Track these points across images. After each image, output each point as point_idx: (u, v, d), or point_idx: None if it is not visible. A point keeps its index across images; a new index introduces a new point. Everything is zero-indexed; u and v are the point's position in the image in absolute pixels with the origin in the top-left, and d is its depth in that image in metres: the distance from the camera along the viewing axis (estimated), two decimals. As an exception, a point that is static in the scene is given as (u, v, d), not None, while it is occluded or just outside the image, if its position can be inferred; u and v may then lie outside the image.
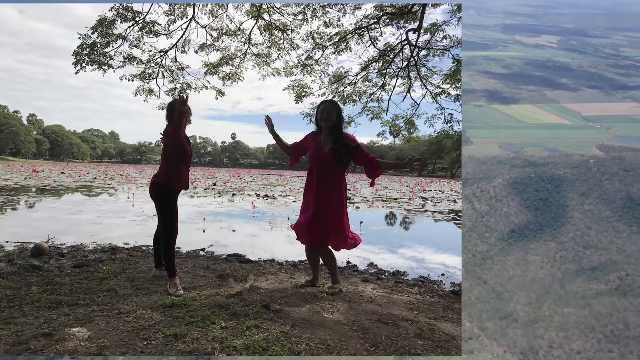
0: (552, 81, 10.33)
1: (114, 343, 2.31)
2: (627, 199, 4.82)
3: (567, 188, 5.06)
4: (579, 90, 9.80)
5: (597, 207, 4.78)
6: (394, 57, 6.91)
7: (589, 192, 4.95)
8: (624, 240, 4.34)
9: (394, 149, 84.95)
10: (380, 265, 5.12)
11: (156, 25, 6.54)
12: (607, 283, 3.79)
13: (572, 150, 6.32)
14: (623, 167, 5.23)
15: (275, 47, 7.01)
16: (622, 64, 11.57)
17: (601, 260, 4.09)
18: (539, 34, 14.49)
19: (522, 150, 6.39)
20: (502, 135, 7.14)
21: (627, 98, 9.21)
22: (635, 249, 4.19)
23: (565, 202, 4.89)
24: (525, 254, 4.33)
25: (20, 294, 3.10)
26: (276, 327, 2.64)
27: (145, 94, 6.95)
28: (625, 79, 10.42)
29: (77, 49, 6.29)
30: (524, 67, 11.23)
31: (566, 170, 5.28)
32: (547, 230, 4.59)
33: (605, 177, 5.10)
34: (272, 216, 9.57)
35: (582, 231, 4.47)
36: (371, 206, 13.20)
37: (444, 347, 2.55)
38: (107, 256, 4.63)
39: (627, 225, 4.54)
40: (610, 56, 12.29)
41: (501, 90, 9.40)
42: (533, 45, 13.34)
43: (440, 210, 12.83)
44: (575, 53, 12.55)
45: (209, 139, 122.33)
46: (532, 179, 5.26)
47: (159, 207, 3.54)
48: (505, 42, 13.37)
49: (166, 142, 3.49)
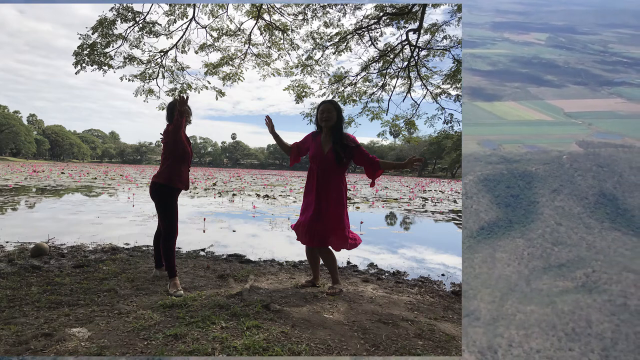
0: (537, 78, 10.31)
1: (114, 343, 2.31)
2: (599, 194, 4.80)
3: (539, 184, 5.03)
4: (563, 86, 9.79)
5: (568, 203, 4.74)
6: (394, 57, 6.90)
7: (560, 188, 4.92)
8: (594, 236, 4.31)
9: (394, 149, 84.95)
10: (380, 265, 5.12)
11: (156, 25, 6.54)
12: (573, 280, 3.76)
13: (551, 146, 6.29)
14: (596, 162, 5.21)
15: (275, 47, 7.01)
16: (609, 60, 11.56)
17: (569, 257, 4.07)
18: (527, 31, 14.49)
19: (500, 147, 6.37)
20: (481, 132, 7.12)
21: (612, 94, 9.20)
22: (605, 245, 4.17)
23: (535, 199, 4.87)
24: (493, 251, 4.30)
25: (20, 294, 3.09)
26: (276, 327, 2.64)
27: (145, 94, 6.95)
28: (611, 74, 10.41)
29: (77, 49, 6.29)
30: (510, 64, 11.21)
31: (538, 167, 5.25)
32: (516, 227, 4.57)
33: (578, 173, 5.07)
34: (272, 216, 9.56)
35: (552, 227, 4.44)
36: (371, 206, 13.19)
37: (444, 347, 2.55)
38: (107, 256, 4.63)
39: (598, 221, 4.52)
40: (597, 52, 12.28)
41: (484, 87, 9.38)
42: (521, 42, 13.32)
43: (441, 210, 12.83)
44: (562, 50, 12.53)
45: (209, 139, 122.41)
46: (503, 175, 5.23)
47: (159, 207, 3.54)
48: (493, 39, 13.37)
49: (166, 142, 3.49)
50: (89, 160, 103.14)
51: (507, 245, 4.32)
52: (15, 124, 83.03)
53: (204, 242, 5.95)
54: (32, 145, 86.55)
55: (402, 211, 12.31)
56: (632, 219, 4.50)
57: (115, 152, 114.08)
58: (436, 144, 61.19)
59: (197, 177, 28.48)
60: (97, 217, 8.11)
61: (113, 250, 5.01)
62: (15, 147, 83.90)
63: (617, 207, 4.65)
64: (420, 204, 14.85)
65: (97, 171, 36.12)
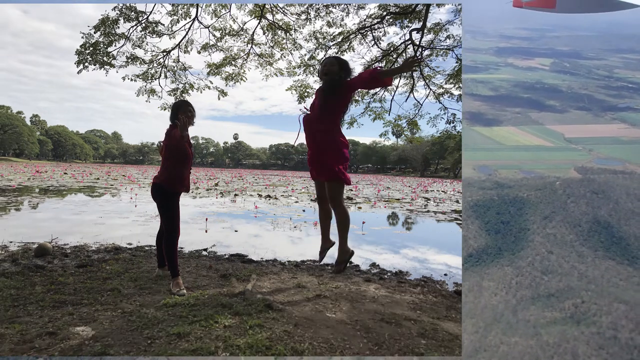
0: (539, 103, 10.30)
1: (118, 342, 2.31)
2: (593, 221, 4.67)
3: (530, 210, 4.91)
4: (565, 111, 9.75)
5: (561, 230, 4.61)
6: (397, 56, 6.90)
7: (553, 215, 4.81)
8: (586, 265, 4.19)
9: (396, 149, 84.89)
10: (383, 265, 5.12)
11: (159, 25, 6.56)
12: (562, 310, 3.64)
13: (549, 172, 6.20)
14: (591, 188, 5.09)
15: (278, 46, 7.02)
16: (614, 85, 11.52)
17: (559, 287, 3.94)
18: (532, 56, 14.49)
19: (496, 172, 6.31)
20: (478, 157, 7.08)
21: (615, 119, 9.15)
22: (598, 274, 4.05)
23: (526, 225, 4.74)
24: (480, 280, 4.18)
25: (25, 294, 3.11)
26: (279, 326, 2.64)
27: (148, 94, 6.97)
28: (615, 100, 10.37)
29: (80, 48, 6.31)
30: (512, 88, 11.20)
31: (530, 192, 5.15)
32: (506, 255, 4.45)
33: (571, 199, 4.95)
34: (274, 216, 9.57)
35: (542, 255, 4.33)
36: (373, 206, 13.18)
37: (447, 346, 2.54)
38: (110, 256, 4.64)
39: (591, 249, 4.39)
40: (602, 77, 12.24)
41: (484, 112, 9.37)
42: (524, 67, 13.33)
43: (443, 210, 12.81)
44: (566, 75, 12.51)
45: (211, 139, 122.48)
46: (494, 201, 5.13)
47: (161, 208, 3.55)
48: (496, 64, 13.37)
49: (168, 144, 3.49)
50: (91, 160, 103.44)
51: (495, 273, 4.22)
52: (18, 124, 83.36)
53: (206, 242, 5.96)
54: (35, 146, 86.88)
55: (404, 211, 12.30)
56: (627, 247, 4.38)
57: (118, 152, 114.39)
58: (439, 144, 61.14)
59: (199, 178, 28.54)
60: (100, 217, 8.13)
61: (116, 250, 5.02)
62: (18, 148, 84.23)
63: (611, 235, 4.54)
64: (423, 204, 14.83)
65: (100, 171, 36.24)
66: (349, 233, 3.40)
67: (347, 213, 3.35)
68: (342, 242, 3.37)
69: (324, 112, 3.24)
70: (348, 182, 3.26)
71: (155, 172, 3.77)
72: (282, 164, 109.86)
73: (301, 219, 9.13)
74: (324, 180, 3.32)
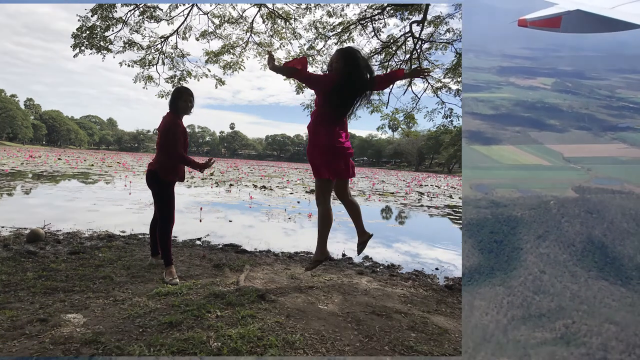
0: (539, 122, 10.34)
1: (109, 329, 2.32)
2: (587, 241, 4.67)
3: (524, 230, 4.91)
4: (566, 131, 9.80)
5: (554, 249, 4.60)
6: (396, 49, 6.86)
7: (546, 234, 4.81)
8: (579, 285, 4.18)
9: (392, 142, 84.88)
10: (375, 258, 5.15)
11: (157, 10, 6.46)
12: (552, 331, 3.63)
13: (546, 191, 6.20)
14: (586, 208, 5.09)
15: (277, 35, 6.95)
16: (616, 105, 11.59)
17: (550, 307, 3.94)
18: (534, 75, 14.53)
19: (492, 191, 6.32)
20: (476, 176, 7.09)
21: (615, 139, 9.21)
22: (591, 295, 4.05)
23: (519, 245, 4.74)
24: (471, 299, 4.18)
25: (16, 279, 3.10)
26: (271, 317, 2.66)
27: (145, 80, 6.89)
28: (616, 119, 10.43)
29: (76, 32, 6.21)
30: (513, 107, 11.23)
31: (524, 212, 5.14)
32: (498, 274, 4.44)
33: (565, 219, 4.95)
34: (268, 207, 9.57)
35: (535, 275, 4.33)
36: (367, 199, 13.22)
37: (436, 340, 2.58)
38: (103, 243, 4.62)
39: (584, 269, 4.38)
40: (604, 97, 12.30)
41: (484, 131, 9.41)
42: (526, 86, 13.37)
43: (436, 205, 12.87)
44: (568, 94, 12.56)
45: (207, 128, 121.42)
46: (487, 220, 5.12)
47: (156, 196, 3.53)
48: (498, 83, 13.39)
49: (164, 132, 3.45)
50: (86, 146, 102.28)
51: (487, 293, 4.21)
52: (12, 107, 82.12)
53: (200, 231, 5.96)
54: (29, 130, 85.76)
55: (398, 205, 12.35)
56: (621, 268, 4.38)
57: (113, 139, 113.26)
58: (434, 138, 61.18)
59: (194, 166, 28.34)
60: (94, 204, 8.09)
61: (109, 237, 5.00)
62: (11, 132, 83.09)
63: (605, 255, 4.52)
64: (417, 198, 14.90)
65: (94, 158, 35.94)
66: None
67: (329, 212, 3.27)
68: (318, 240, 3.35)
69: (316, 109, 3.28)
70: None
71: (150, 160, 3.75)
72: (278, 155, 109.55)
73: (295, 211, 9.14)
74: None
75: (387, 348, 2.40)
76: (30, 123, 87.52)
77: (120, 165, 25.95)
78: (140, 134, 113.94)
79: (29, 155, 29.96)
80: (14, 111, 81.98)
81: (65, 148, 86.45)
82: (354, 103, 3.23)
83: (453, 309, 3.28)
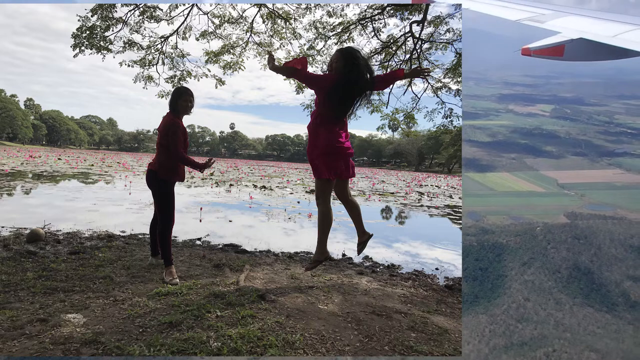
0: (535, 149, 10.34)
1: (109, 329, 2.32)
2: (573, 268, 4.63)
3: (509, 257, 4.87)
4: (562, 157, 9.80)
5: (539, 276, 4.56)
6: (396, 49, 6.86)
7: (531, 261, 4.77)
8: (564, 312, 4.13)
9: (392, 142, 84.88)
10: (375, 258, 5.15)
11: (157, 10, 6.46)
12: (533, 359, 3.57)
13: (538, 217, 6.20)
14: (573, 234, 5.05)
15: (277, 35, 6.95)
16: (613, 130, 11.62)
17: (533, 335, 3.87)
18: (533, 102, 14.56)
19: (483, 218, 6.32)
20: (468, 204, 7.08)
21: (611, 165, 9.21)
22: (575, 322, 3.99)
23: (504, 272, 4.70)
24: None
25: (16, 279, 3.09)
26: (271, 317, 2.66)
27: (145, 80, 6.89)
28: (613, 145, 10.44)
29: (76, 32, 6.21)
30: (510, 134, 11.25)
31: (510, 238, 5.11)
32: (482, 302, 4.38)
33: (551, 245, 4.92)
34: (268, 207, 9.57)
35: (518, 303, 4.28)
36: (367, 199, 13.22)
37: (436, 340, 2.58)
38: (103, 243, 4.62)
39: (570, 296, 4.34)
40: (602, 123, 12.33)
41: (480, 158, 9.42)
42: (525, 113, 13.39)
43: (436, 205, 12.87)
44: (566, 121, 12.59)
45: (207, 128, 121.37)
46: (473, 247, 5.08)
47: (156, 196, 3.53)
48: (497, 110, 13.41)
49: (164, 132, 3.45)
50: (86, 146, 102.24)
51: (470, 321, 4.15)
52: (12, 107, 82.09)
53: (200, 231, 5.96)
54: (29, 130, 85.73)
55: (398, 205, 12.34)
56: (607, 294, 4.33)
57: (113, 139, 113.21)
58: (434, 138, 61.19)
59: (194, 166, 28.33)
60: (94, 204, 8.09)
61: (109, 237, 5.00)
62: (11, 132, 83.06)
63: (592, 281, 4.47)
64: (417, 198, 14.89)
65: (94, 158, 35.92)
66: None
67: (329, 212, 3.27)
68: (318, 240, 3.35)
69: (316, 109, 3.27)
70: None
71: (150, 160, 3.75)
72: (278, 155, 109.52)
73: (295, 211, 9.14)
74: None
75: (387, 348, 2.41)
76: (30, 123, 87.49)
77: (120, 165, 25.94)
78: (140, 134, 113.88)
79: (29, 155, 29.95)
80: (14, 111, 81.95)
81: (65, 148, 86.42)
82: (353, 103, 3.22)
83: (453, 309, 3.28)
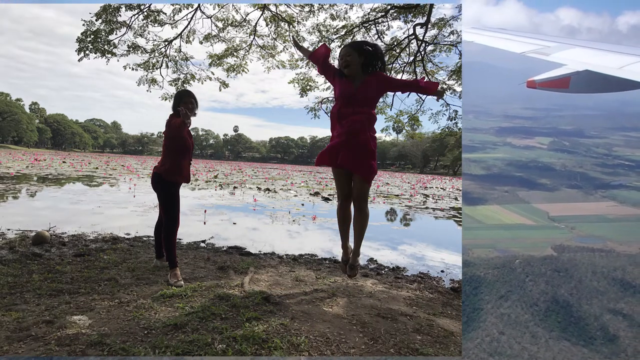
0: (529, 181, 10.27)
1: (115, 331, 2.31)
2: (551, 301, 4.54)
3: (486, 290, 4.79)
4: (556, 189, 9.73)
5: (515, 310, 4.46)
6: (400, 51, 6.86)
7: (508, 294, 4.68)
8: (539, 346, 4.03)
9: (396, 145, 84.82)
10: (380, 260, 5.13)
11: (161, 13, 6.51)
12: None
13: (525, 250, 6.13)
14: (553, 267, 4.96)
15: (281, 38, 6.97)
16: (611, 163, 11.52)
17: None
18: (532, 135, 14.49)
19: (469, 251, 6.27)
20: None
21: (605, 197, 9.14)
22: (550, 356, 3.90)
23: (480, 305, 4.61)
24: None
25: (22, 281, 3.11)
26: (275, 319, 2.65)
27: (149, 83, 6.94)
28: (609, 177, 10.34)
29: (81, 36, 6.26)
30: (505, 167, 11.19)
31: (487, 271, 5.03)
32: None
33: (530, 278, 4.83)
34: (272, 210, 9.57)
35: (492, 337, 4.18)
36: (372, 202, 13.19)
37: (442, 343, 2.55)
38: (107, 246, 4.63)
39: (546, 329, 4.23)
40: (600, 155, 12.23)
41: (471, 191, 9.39)
42: (522, 146, 13.33)
43: (441, 207, 12.82)
44: (564, 153, 12.49)
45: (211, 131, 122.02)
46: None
47: (161, 199, 3.54)
48: (494, 143, 13.35)
49: (168, 134, 3.47)
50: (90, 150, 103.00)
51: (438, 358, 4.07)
52: (17, 111, 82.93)
53: (204, 233, 5.96)
54: (34, 134, 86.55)
55: (402, 207, 12.30)
56: (585, 328, 4.23)
57: (117, 142, 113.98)
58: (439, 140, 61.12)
59: (198, 169, 28.48)
60: (98, 206, 8.12)
61: (114, 239, 5.01)
62: (17, 135, 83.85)
63: (570, 314, 4.37)
64: (421, 200, 14.84)
65: (99, 161, 36.14)
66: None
67: None
68: (359, 244, 3.15)
69: (367, 106, 3.00)
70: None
71: (154, 163, 3.76)
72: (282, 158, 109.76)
73: (300, 213, 9.13)
74: (360, 174, 2.97)
75: (392, 350, 2.39)
76: (35, 127, 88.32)
77: (124, 168, 26.07)
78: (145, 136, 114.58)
79: (34, 159, 30.18)
80: (19, 115, 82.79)
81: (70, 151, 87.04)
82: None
83: (459, 312, 3.26)
